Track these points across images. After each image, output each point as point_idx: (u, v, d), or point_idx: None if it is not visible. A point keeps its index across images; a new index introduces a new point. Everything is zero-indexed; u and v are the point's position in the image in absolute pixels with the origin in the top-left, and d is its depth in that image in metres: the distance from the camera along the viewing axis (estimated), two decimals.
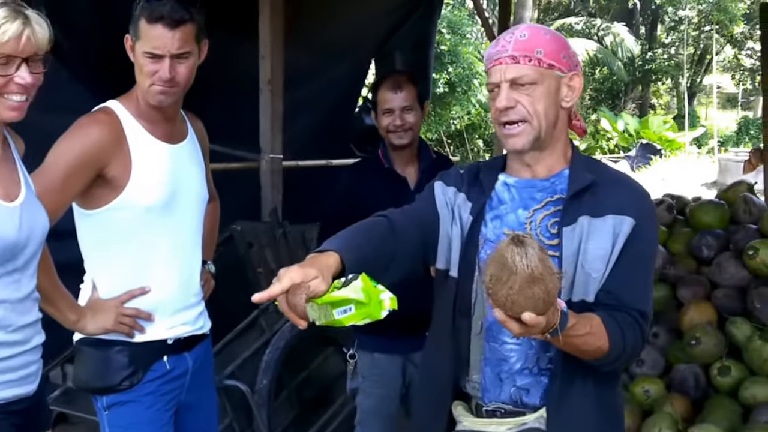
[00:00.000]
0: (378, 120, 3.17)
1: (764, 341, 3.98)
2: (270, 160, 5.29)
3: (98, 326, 2.40)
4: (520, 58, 1.97)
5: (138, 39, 2.35)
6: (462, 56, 18.14)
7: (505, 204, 2.10)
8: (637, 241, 1.95)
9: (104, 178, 2.36)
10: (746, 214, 4.70)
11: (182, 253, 2.52)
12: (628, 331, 1.90)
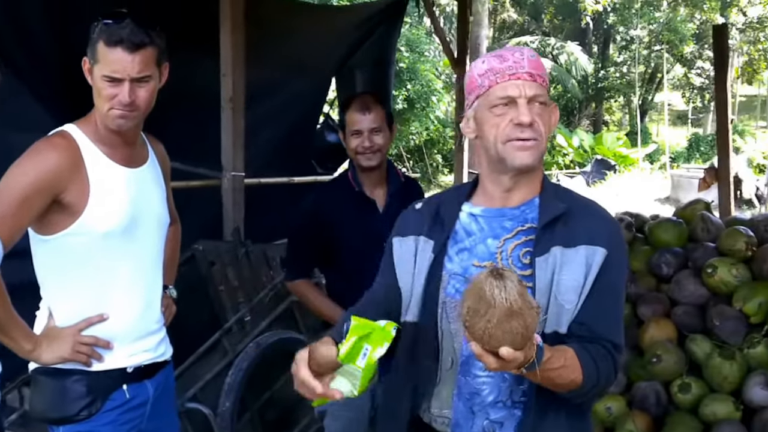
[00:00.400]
0: (346, 141, 3.13)
1: (724, 359, 4.00)
2: (232, 178, 5.21)
3: (55, 355, 2.31)
4: (536, 76, 1.95)
5: (96, 62, 2.28)
6: (420, 73, 18.22)
7: (473, 235, 2.03)
8: (608, 271, 1.91)
9: (61, 204, 2.27)
10: (704, 232, 4.73)
11: (143, 278, 2.44)
12: (601, 363, 1.86)
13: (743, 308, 4.22)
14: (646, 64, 31.08)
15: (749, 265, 4.39)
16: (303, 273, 3.21)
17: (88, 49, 2.30)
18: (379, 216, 3.08)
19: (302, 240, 3.19)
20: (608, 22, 30.95)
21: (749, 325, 4.20)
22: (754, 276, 4.35)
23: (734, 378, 3.96)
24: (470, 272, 1.98)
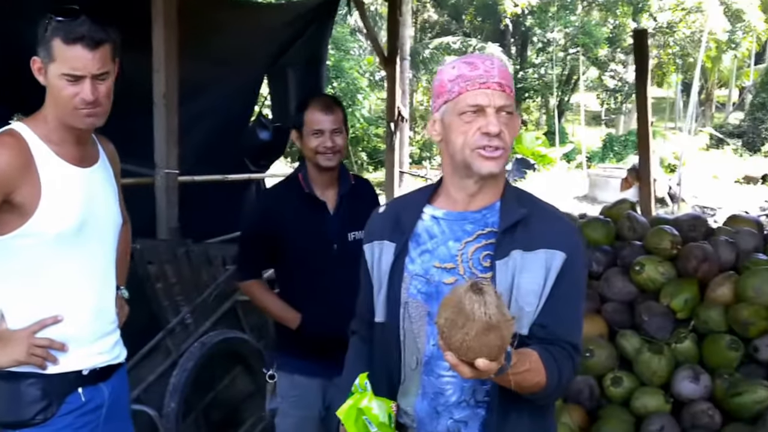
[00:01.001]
0: (304, 140, 3.09)
1: (653, 353, 4.12)
2: (165, 176, 5.11)
3: (9, 359, 2.24)
4: (505, 86, 1.97)
5: (52, 60, 2.21)
6: (346, 72, 18.21)
7: (435, 238, 2.06)
8: (568, 274, 1.95)
9: (11, 204, 2.20)
10: (630, 231, 4.87)
11: (97, 279, 2.39)
12: (562, 364, 1.91)
13: (670, 304, 4.36)
14: (562, 66, 31.74)
15: (674, 263, 4.54)
16: (254, 273, 3.19)
17: (40, 48, 2.22)
18: (329, 217, 3.08)
19: (253, 240, 3.16)
20: (526, 24, 31.50)
21: (676, 321, 4.34)
22: (680, 273, 4.50)
23: (663, 372, 4.09)
24: (431, 273, 2.02)
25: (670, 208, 14.97)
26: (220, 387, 3.81)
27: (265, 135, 7.63)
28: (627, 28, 30.65)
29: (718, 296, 4.36)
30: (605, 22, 30.53)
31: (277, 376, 3.10)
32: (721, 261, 4.53)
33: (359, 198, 3.21)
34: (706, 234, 4.79)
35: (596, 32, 29.18)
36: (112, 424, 2.46)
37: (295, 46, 7.31)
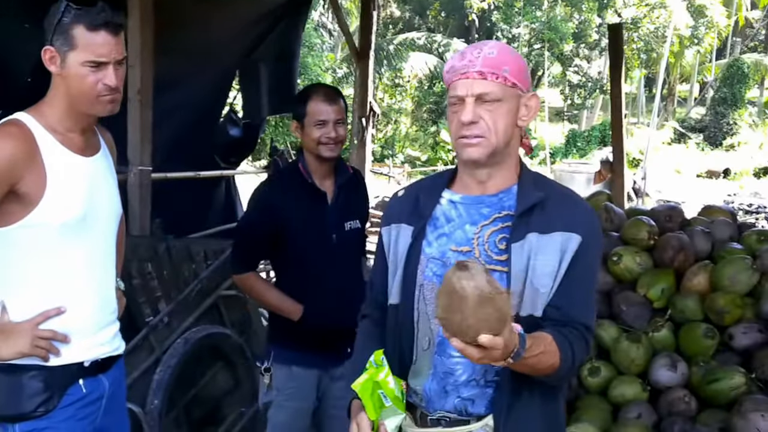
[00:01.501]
0: (305, 132, 3.10)
1: (630, 342, 4.20)
2: (139, 173, 5.08)
3: (13, 351, 2.23)
4: (488, 74, 1.99)
5: (73, 48, 2.21)
6: (310, 67, 18.19)
7: (452, 221, 2.11)
8: (583, 257, 1.99)
9: (16, 194, 2.19)
10: (608, 222, 4.95)
11: (99, 270, 2.39)
12: (576, 346, 1.95)
13: (647, 294, 4.45)
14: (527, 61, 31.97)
15: (651, 254, 4.64)
16: (251, 266, 3.20)
17: (56, 36, 2.21)
18: (328, 207, 3.11)
19: (253, 233, 3.17)
20: (492, 20, 31.68)
21: (653, 310, 4.43)
22: (656, 263, 4.60)
23: (641, 360, 4.17)
24: (447, 256, 2.07)
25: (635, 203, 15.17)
26: (201, 383, 3.81)
27: (235, 131, 7.61)
28: (592, 23, 30.99)
29: (694, 285, 4.45)
30: (571, 18, 30.80)
31: (274, 369, 3.12)
32: (697, 251, 4.63)
33: (355, 188, 3.25)
34: (682, 224, 4.89)
35: (562, 28, 29.45)
36: (111, 415, 2.47)
37: (267, 41, 7.30)
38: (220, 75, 7.38)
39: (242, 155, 8.07)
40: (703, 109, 36.10)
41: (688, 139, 32.00)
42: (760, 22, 40.74)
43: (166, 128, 6.42)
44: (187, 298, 3.81)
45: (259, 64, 7.32)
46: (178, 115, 6.81)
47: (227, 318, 4.07)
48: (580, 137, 29.81)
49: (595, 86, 33.26)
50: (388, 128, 26.89)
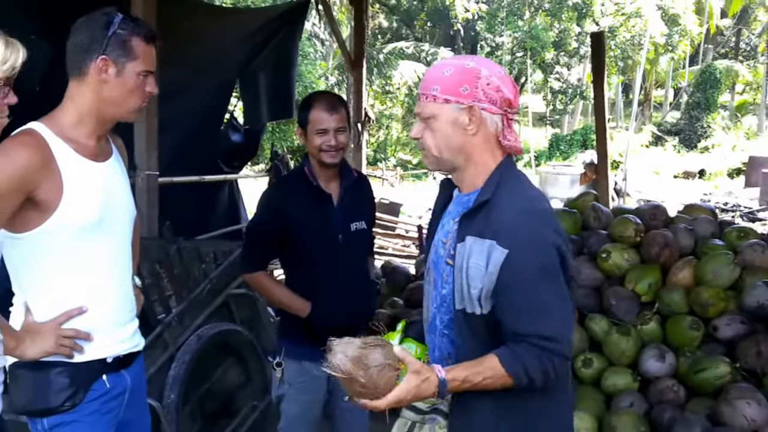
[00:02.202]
0: (308, 139, 3.11)
1: (621, 334, 4.24)
2: (146, 177, 5.08)
3: (39, 350, 2.24)
4: (422, 96, 2.10)
5: (133, 59, 2.24)
6: (305, 75, 18.18)
7: (447, 216, 2.22)
8: (512, 268, 1.95)
9: (33, 201, 2.18)
10: (596, 221, 5.00)
11: (117, 270, 2.39)
12: (528, 359, 1.95)
13: (635, 288, 4.50)
14: (510, 69, 32.04)
15: (638, 250, 4.68)
16: (261, 265, 3.20)
17: (113, 47, 2.23)
18: (333, 209, 3.11)
19: (262, 233, 3.17)
20: (476, 29, 31.74)
21: (641, 304, 4.48)
22: (643, 259, 4.64)
23: (631, 352, 4.21)
24: (437, 246, 2.21)
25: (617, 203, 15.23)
26: (214, 378, 3.81)
27: (237, 137, 7.62)
28: (572, 32, 31.09)
29: (679, 280, 4.50)
30: (551, 27, 30.90)
31: (285, 363, 3.12)
32: (681, 247, 4.68)
33: (359, 190, 3.26)
34: (666, 222, 4.94)
35: (543, 36, 29.54)
36: (133, 409, 2.47)
37: (265, 50, 7.30)
38: (221, 83, 7.38)
39: (244, 160, 8.08)
40: (678, 113, 36.29)
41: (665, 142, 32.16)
42: (730, 29, 41.04)
43: (171, 135, 6.42)
44: (199, 297, 3.81)
45: (258, 73, 7.32)
46: (182, 122, 6.81)
47: (237, 315, 4.06)
48: (563, 141, 29.90)
49: (575, 92, 33.37)
50: (380, 133, 26.91)
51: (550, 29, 30.60)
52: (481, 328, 2.02)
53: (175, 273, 3.87)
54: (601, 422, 3.96)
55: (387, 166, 26.13)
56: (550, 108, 35.75)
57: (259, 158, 17.51)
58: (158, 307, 3.74)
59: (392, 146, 27.92)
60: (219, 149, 7.45)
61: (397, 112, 26.69)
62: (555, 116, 37.06)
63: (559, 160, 26.71)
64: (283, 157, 8.21)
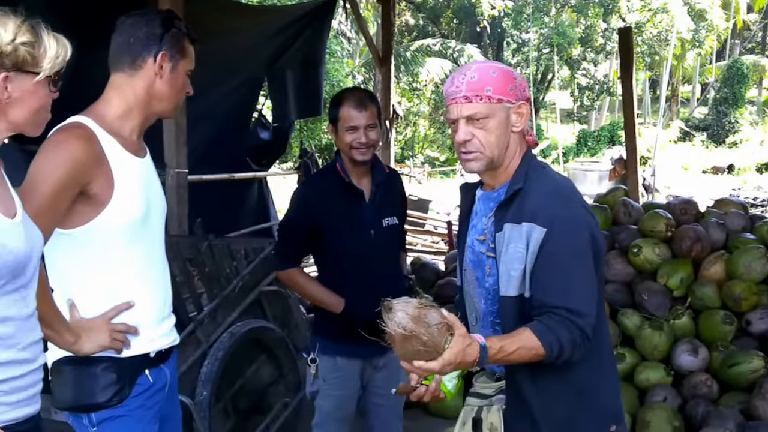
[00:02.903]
0: (339, 135, 3.09)
1: (653, 329, 4.19)
2: (176, 175, 5.09)
3: (95, 345, 2.22)
4: (473, 97, 2.14)
5: (184, 57, 2.31)
6: (332, 73, 18.18)
7: (477, 214, 2.31)
8: (549, 245, 2.07)
9: (86, 195, 2.16)
10: (626, 216, 4.94)
11: (158, 265, 2.38)
12: (560, 330, 2.02)
13: (667, 283, 4.44)
14: (536, 65, 31.90)
15: (669, 245, 4.62)
16: (294, 262, 3.19)
17: (170, 44, 2.27)
18: (365, 205, 3.09)
19: (294, 230, 3.15)
20: (502, 26, 31.59)
21: (673, 299, 4.42)
22: (674, 254, 4.58)
23: (663, 347, 4.16)
24: (474, 244, 2.28)
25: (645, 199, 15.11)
26: (247, 375, 3.80)
27: (265, 135, 7.62)
28: (598, 28, 30.85)
29: (711, 274, 4.44)
30: (577, 23, 30.67)
31: (319, 360, 3.10)
32: (712, 241, 4.62)
33: (391, 186, 3.23)
34: (697, 216, 4.88)
35: (569, 33, 29.33)
36: (172, 404, 2.46)
37: (293, 48, 7.29)
38: (249, 81, 7.38)
39: (273, 157, 8.07)
40: (705, 109, 35.91)
41: (693, 138, 31.81)
42: (757, 24, 40.46)
43: (200, 133, 6.44)
44: (231, 294, 3.79)
45: (286, 71, 7.32)
46: (211, 120, 6.83)
47: (269, 312, 4.05)
48: (591, 137, 29.72)
49: (602, 88, 33.14)
50: (407, 131, 26.88)
51: (577, 25, 30.39)
52: (525, 311, 2.10)
53: (207, 270, 3.86)
54: (635, 417, 3.91)
55: (414, 163, 26.10)
56: (578, 104, 35.53)
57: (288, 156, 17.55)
58: (190, 305, 3.74)
59: (419, 143, 27.88)
60: (247, 147, 7.45)
61: (424, 109, 26.63)
62: (582, 113, 36.81)
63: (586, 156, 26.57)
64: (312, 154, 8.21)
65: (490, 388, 2.30)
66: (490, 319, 2.23)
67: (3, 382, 1.86)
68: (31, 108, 1.87)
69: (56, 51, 1.89)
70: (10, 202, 1.90)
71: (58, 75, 1.91)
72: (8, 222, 1.84)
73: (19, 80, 1.83)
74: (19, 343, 1.88)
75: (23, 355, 1.89)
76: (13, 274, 1.83)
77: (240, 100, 7.37)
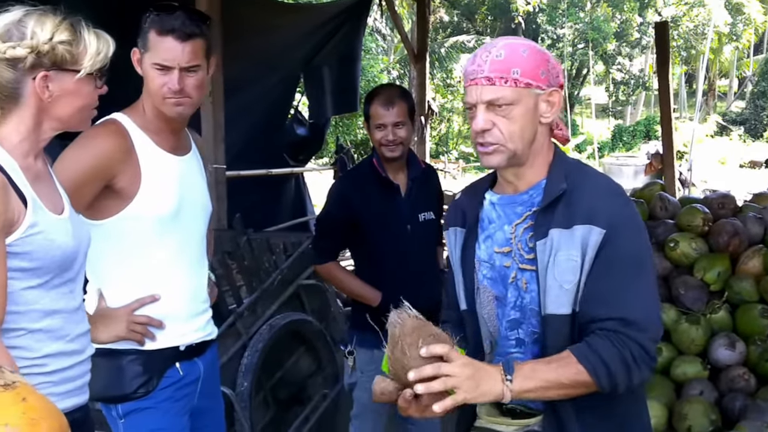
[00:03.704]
0: (370, 132, 3.13)
1: (690, 323, 4.14)
2: (214, 171, 5.15)
3: (110, 335, 2.28)
4: (496, 79, 1.80)
5: (147, 51, 2.24)
6: (367, 69, 18.21)
7: (493, 223, 1.97)
8: (610, 248, 1.77)
9: (113, 189, 2.23)
10: (663, 210, 4.88)
11: (191, 261, 2.41)
12: (605, 352, 1.72)
13: (704, 278, 4.38)
14: (571, 60, 31.63)
15: (706, 239, 4.56)
16: (332, 256, 3.22)
17: (139, 39, 2.26)
18: (401, 199, 3.12)
19: (331, 224, 3.19)
20: (537, 21, 31.37)
21: (710, 293, 4.36)
22: (711, 248, 4.52)
23: (700, 341, 4.11)
24: (494, 258, 1.95)
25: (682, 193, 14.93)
26: (287, 366, 3.85)
27: (302, 131, 7.69)
28: (634, 23, 30.50)
29: (749, 268, 4.37)
30: (612, 18, 30.35)
31: (357, 352, 3.13)
32: (750, 235, 4.55)
33: (427, 182, 3.25)
34: (735, 211, 4.81)
35: (604, 27, 29.04)
36: (207, 398, 2.49)
37: (329, 45, 7.35)
38: (285, 78, 7.46)
39: (310, 153, 8.15)
40: (743, 103, 35.35)
41: (730, 132, 31.33)
42: None
43: (238, 129, 6.51)
44: (270, 287, 3.84)
45: (322, 68, 7.38)
46: (249, 117, 6.90)
47: (308, 305, 4.09)
48: (626, 132, 29.41)
49: (637, 83, 32.81)
50: (441, 126, 26.82)
51: (612, 20, 30.07)
52: (575, 331, 1.81)
53: (246, 264, 3.91)
54: (672, 410, 3.88)
55: (449, 158, 26.03)
56: (613, 99, 35.18)
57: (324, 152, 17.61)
58: (229, 298, 3.79)
59: (454, 139, 27.80)
60: (284, 143, 7.53)
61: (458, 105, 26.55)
62: (617, 107, 36.44)
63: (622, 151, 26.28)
64: (348, 150, 8.26)
65: (510, 427, 1.94)
66: (509, 342, 1.92)
67: (52, 373, 1.91)
68: (74, 106, 1.89)
69: (97, 48, 1.89)
70: (58, 198, 1.95)
71: (102, 71, 1.92)
72: (55, 218, 1.88)
73: (60, 79, 1.85)
74: (68, 334, 1.93)
75: (71, 347, 1.94)
76: (60, 269, 1.87)
77: (277, 97, 7.44)
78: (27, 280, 1.84)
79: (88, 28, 1.91)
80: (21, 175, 1.85)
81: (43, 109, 1.86)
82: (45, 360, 1.89)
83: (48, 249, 1.84)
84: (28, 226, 1.81)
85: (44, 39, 1.82)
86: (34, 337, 1.87)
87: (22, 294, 1.84)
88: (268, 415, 3.74)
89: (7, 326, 1.82)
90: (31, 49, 1.81)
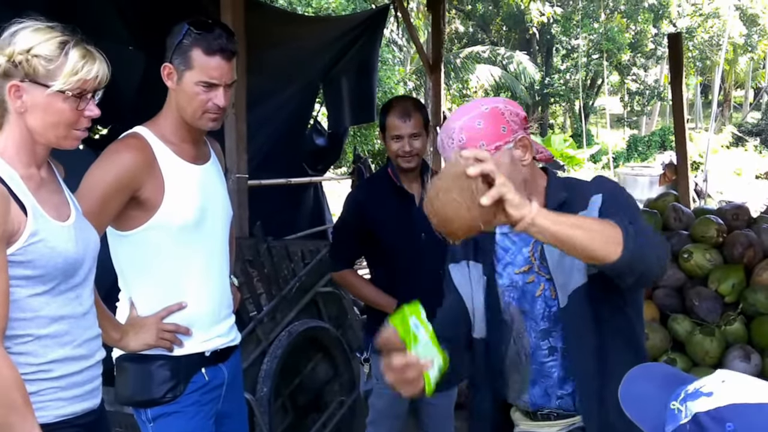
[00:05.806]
0: (386, 143, 3.17)
1: (704, 335, 4.13)
2: (236, 180, 5.19)
3: (141, 343, 2.33)
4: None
5: (189, 68, 2.27)
6: (384, 80, 18.25)
7: (509, 250, 2.13)
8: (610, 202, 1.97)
9: (138, 200, 2.28)
10: (676, 221, 4.88)
11: (215, 268, 2.46)
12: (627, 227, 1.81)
13: (718, 289, 4.37)
14: (586, 71, 31.54)
15: (721, 250, 4.55)
16: (348, 263, 3.25)
17: (176, 56, 2.29)
18: (416, 208, 3.14)
19: (347, 232, 3.22)
20: (552, 32, 31.33)
21: (724, 304, 4.35)
22: (726, 260, 4.51)
23: (715, 353, 4.10)
24: (515, 280, 2.10)
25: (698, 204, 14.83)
26: (305, 372, 3.87)
27: (321, 141, 7.74)
28: (648, 33, 30.40)
29: (763, 280, 4.36)
30: (627, 29, 30.27)
31: (372, 359, 3.16)
32: (765, 246, 4.55)
33: None
34: (749, 222, 4.80)
35: (619, 38, 28.95)
36: (231, 402, 2.53)
37: (347, 56, 7.40)
38: (305, 89, 7.51)
39: (328, 162, 8.20)
40: (758, 114, 35.09)
41: (746, 143, 31.12)
42: None
43: (260, 139, 6.57)
44: (289, 294, 3.88)
45: (340, 78, 7.43)
46: (270, 127, 6.96)
47: (325, 313, 4.13)
48: (641, 142, 29.25)
49: (652, 93, 32.65)
50: None
51: (626, 31, 29.98)
52: (588, 315, 1.97)
53: (266, 271, 3.94)
54: None
55: None
56: (628, 109, 35.04)
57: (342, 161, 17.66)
58: (249, 305, 3.83)
59: None
60: (304, 152, 7.58)
61: None
62: (632, 117, 36.29)
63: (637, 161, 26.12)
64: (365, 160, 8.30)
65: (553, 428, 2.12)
66: (542, 352, 2.08)
67: (59, 378, 1.93)
68: (46, 120, 1.88)
69: (73, 68, 1.86)
70: (64, 206, 1.99)
71: (82, 93, 1.90)
72: (57, 225, 1.92)
73: (32, 91, 1.86)
74: (75, 340, 1.95)
75: (79, 352, 1.97)
76: (65, 275, 1.91)
77: (297, 107, 7.50)
78: (32, 287, 1.88)
79: (86, 50, 1.90)
80: (21, 184, 1.88)
81: (24, 121, 1.88)
82: (51, 365, 1.92)
83: (50, 257, 1.87)
84: (29, 234, 1.85)
85: (20, 49, 1.84)
86: (40, 342, 1.91)
87: (28, 301, 1.87)
88: (286, 421, 3.77)
89: (14, 333, 1.85)
90: (8, 57, 1.83)
